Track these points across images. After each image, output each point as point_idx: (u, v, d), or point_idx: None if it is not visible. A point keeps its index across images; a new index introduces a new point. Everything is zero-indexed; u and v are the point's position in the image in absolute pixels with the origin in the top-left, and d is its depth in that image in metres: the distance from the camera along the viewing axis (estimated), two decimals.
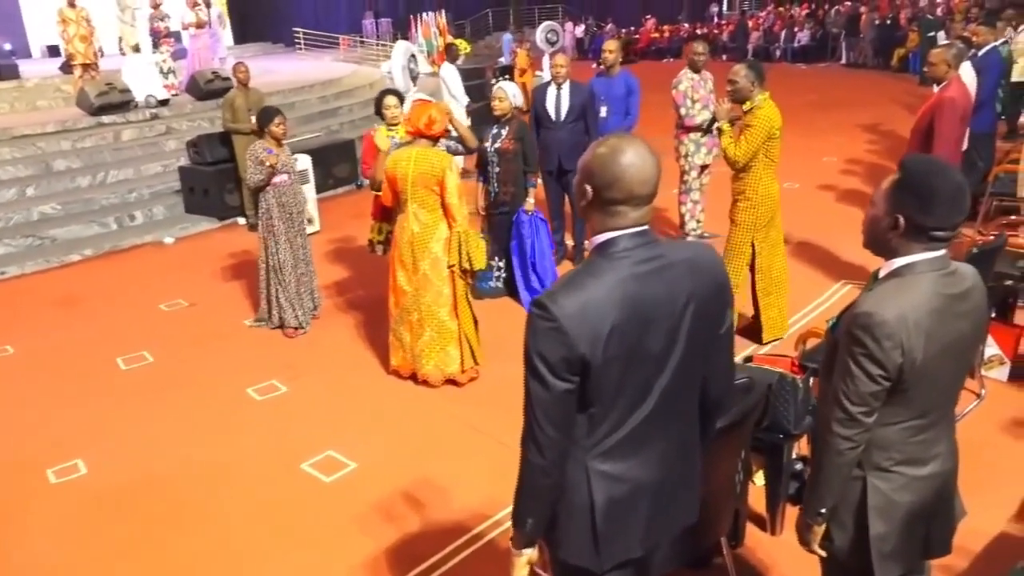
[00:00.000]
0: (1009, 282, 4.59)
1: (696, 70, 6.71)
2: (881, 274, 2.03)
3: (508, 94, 5.88)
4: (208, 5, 13.65)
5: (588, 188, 1.82)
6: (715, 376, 1.99)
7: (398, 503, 3.74)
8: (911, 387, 1.92)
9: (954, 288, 1.95)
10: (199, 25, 13.01)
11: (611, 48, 6.90)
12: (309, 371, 5.15)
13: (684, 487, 1.98)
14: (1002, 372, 4.47)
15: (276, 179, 5.40)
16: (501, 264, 6.19)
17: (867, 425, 1.95)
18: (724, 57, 23.77)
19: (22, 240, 7.87)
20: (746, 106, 4.60)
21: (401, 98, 5.93)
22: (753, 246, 4.72)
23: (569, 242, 6.93)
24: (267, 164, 5.28)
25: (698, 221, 7.20)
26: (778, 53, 23.09)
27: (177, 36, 13.48)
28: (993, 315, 4.58)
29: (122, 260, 7.84)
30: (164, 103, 11.40)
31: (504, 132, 5.81)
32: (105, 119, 10.32)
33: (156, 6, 12.49)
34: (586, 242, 7.20)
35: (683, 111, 6.63)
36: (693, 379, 1.93)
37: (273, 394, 4.89)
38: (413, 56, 9.03)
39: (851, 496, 2.06)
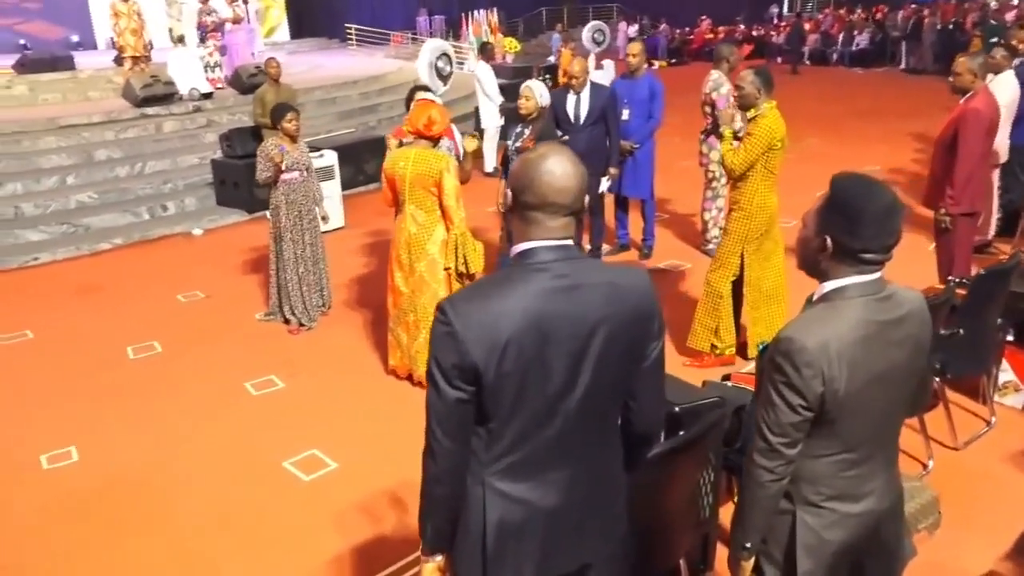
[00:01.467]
0: None
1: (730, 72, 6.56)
2: (814, 298, 1.92)
3: (535, 93, 5.77)
4: (246, 0, 13.85)
5: (508, 191, 1.80)
6: (639, 410, 1.92)
7: (371, 505, 3.71)
8: (837, 419, 1.82)
9: (888, 314, 1.83)
10: (236, 20, 13.23)
11: (635, 51, 6.77)
12: (309, 368, 5.17)
13: (595, 516, 1.90)
14: (1017, 399, 4.25)
15: (286, 175, 5.43)
16: None
17: (789, 457, 1.84)
18: (779, 60, 23.28)
19: (57, 227, 8.10)
20: (750, 114, 4.46)
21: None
22: (743, 258, 4.57)
23: (586, 245, 6.83)
24: (274, 161, 5.33)
25: (720, 228, 7.02)
26: (835, 56, 22.51)
27: (223, 31, 13.74)
28: (1010, 338, 4.36)
29: (150, 250, 8.01)
30: (208, 96, 11.62)
31: (527, 132, 5.74)
32: (149, 111, 10.59)
33: (204, 1, 12.75)
34: (607, 246, 7.01)
35: (720, 112, 6.49)
36: (608, 407, 1.86)
37: (269, 389, 4.92)
38: (445, 55, 9.01)
39: (780, 531, 1.95)
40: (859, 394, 1.80)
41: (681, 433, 2.94)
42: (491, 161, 10.53)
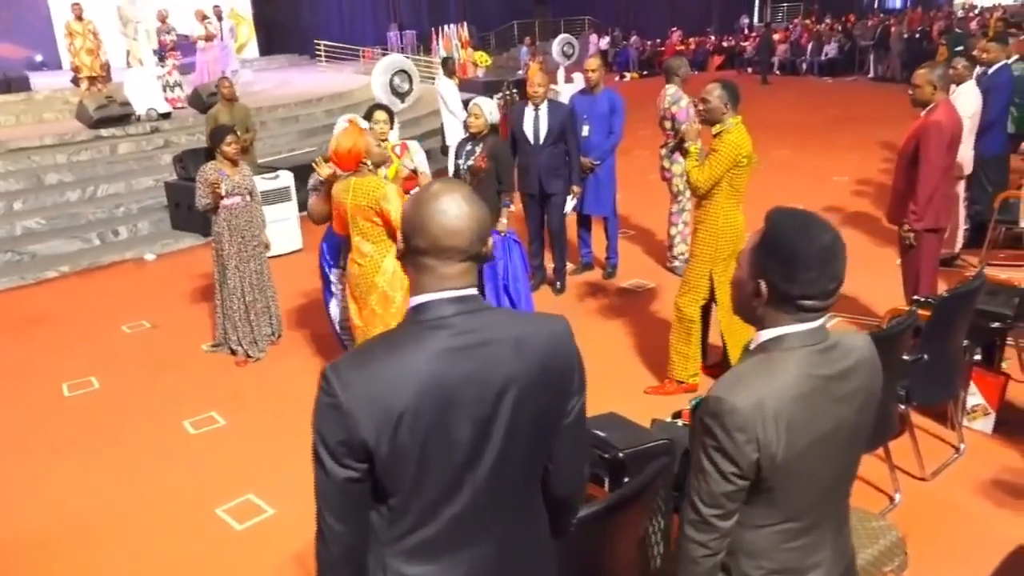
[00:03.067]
0: (996, 324, 4.19)
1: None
2: (751, 347, 1.73)
3: (484, 111, 5.62)
4: (220, 18, 13.63)
5: (399, 235, 1.60)
6: (558, 472, 1.71)
7: (307, 556, 3.46)
8: (776, 486, 1.61)
9: (832, 367, 1.64)
10: (208, 38, 13.00)
11: (593, 66, 6.61)
12: (253, 403, 4.92)
13: None
14: (986, 424, 4.08)
15: (227, 201, 5.20)
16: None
17: (723, 530, 1.64)
18: (749, 70, 23.34)
19: (1, 256, 7.78)
20: (715, 129, 4.29)
21: (391, 113, 5.71)
22: (712, 280, 4.39)
23: (549, 266, 6.64)
24: (213, 188, 5.10)
25: (687, 244, 6.86)
26: (804, 66, 22.59)
27: (185, 49, 13.49)
28: (978, 357, 4.21)
29: (98, 277, 7.72)
30: (166, 116, 11.37)
31: (478, 149, 5.55)
32: (104, 132, 10.29)
33: (163, 20, 12.50)
34: (570, 265, 6.80)
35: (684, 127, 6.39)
36: (524, 474, 1.65)
37: (209, 427, 4.66)
38: (403, 71, 8.82)
39: None
40: (800, 458, 1.60)
41: (626, 480, 2.76)
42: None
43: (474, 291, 1.59)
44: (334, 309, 5.19)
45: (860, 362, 1.69)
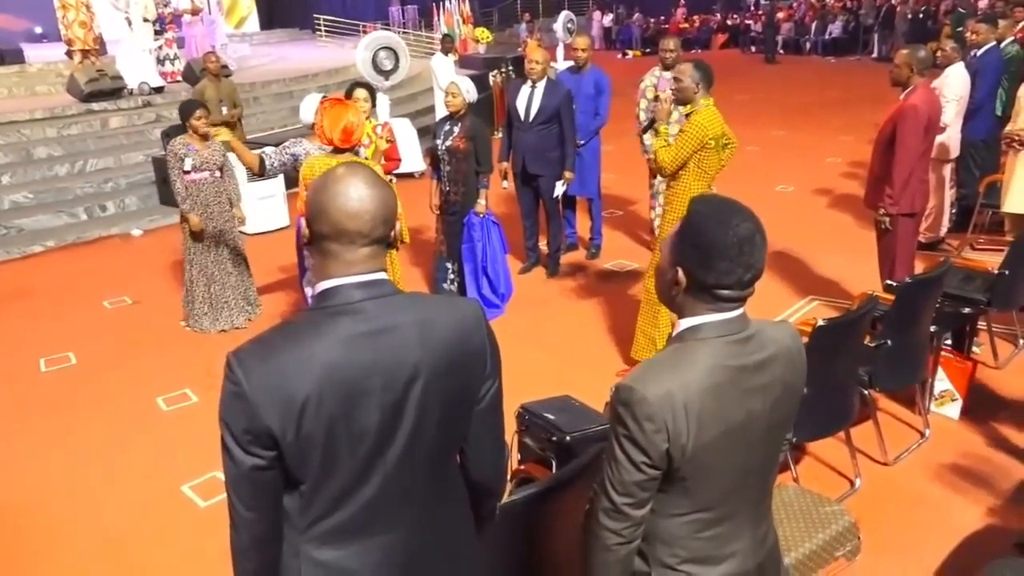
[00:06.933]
0: (967, 309, 4.17)
1: (667, 68, 6.34)
2: (671, 336, 1.72)
3: (461, 90, 5.56)
4: None
5: (302, 221, 1.59)
6: (475, 457, 1.72)
7: None
8: (688, 476, 1.61)
9: (746, 358, 1.62)
10: (194, 12, 12.90)
11: (583, 46, 6.55)
12: None
13: None
14: (953, 409, 4.07)
15: (195, 176, 5.19)
16: (454, 267, 5.91)
17: (636, 519, 1.63)
18: (752, 49, 23.13)
19: None
20: (685, 110, 4.26)
21: (372, 91, 5.66)
22: None
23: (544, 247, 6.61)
24: (184, 165, 5.09)
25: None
26: (808, 46, 22.36)
27: (181, 23, 13.42)
28: (948, 343, 4.21)
29: (84, 252, 7.72)
30: (158, 90, 11.31)
31: (456, 129, 5.50)
32: (95, 106, 10.25)
33: None
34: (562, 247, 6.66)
35: (638, 108, 6.40)
36: (437, 460, 1.64)
37: (182, 404, 4.68)
38: (388, 48, 8.72)
39: None
40: (711, 449, 1.59)
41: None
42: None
43: (382, 275, 1.57)
44: (308, 288, 5.18)
45: (778, 354, 1.67)
